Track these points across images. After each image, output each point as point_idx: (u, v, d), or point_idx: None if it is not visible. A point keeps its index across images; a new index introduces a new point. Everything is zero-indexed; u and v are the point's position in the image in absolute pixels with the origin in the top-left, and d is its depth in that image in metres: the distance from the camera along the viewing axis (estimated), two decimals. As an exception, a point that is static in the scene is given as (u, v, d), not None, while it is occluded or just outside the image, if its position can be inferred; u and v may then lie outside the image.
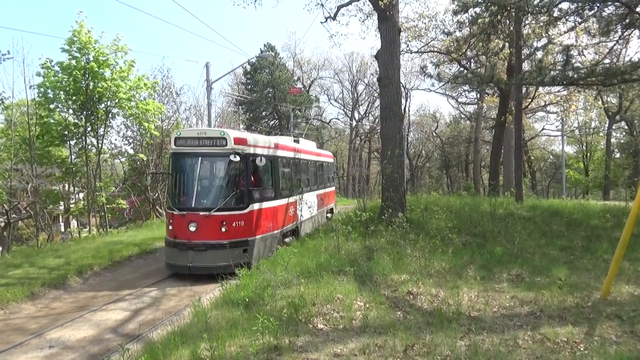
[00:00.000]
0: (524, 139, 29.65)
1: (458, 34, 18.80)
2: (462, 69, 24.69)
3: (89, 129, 18.28)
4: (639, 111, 36.27)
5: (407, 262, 8.77)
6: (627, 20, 12.53)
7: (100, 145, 19.07)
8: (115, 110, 18.69)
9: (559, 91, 25.85)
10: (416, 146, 54.29)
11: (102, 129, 18.87)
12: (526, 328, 5.62)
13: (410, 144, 50.21)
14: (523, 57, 18.35)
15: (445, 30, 20.28)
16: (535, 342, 5.16)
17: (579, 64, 14.51)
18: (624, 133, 43.09)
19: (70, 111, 18.13)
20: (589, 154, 46.43)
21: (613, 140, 41.35)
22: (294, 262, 8.65)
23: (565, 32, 16.58)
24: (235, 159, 9.60)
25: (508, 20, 16.80)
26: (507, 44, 19.52)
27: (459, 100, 44.96)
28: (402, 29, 17.04)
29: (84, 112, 17.70)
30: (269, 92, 44.57)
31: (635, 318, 5.81)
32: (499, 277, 8.00)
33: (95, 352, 6.15)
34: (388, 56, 13.66)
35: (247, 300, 6.69)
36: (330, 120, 55.01)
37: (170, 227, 10.15)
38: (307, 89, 49.56)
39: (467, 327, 5.62)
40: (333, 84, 54.29)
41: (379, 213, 13.06)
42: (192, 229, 9.59)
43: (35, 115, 18.78)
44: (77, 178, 20.64)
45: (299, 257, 9.18)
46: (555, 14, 13.49)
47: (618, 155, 44.01)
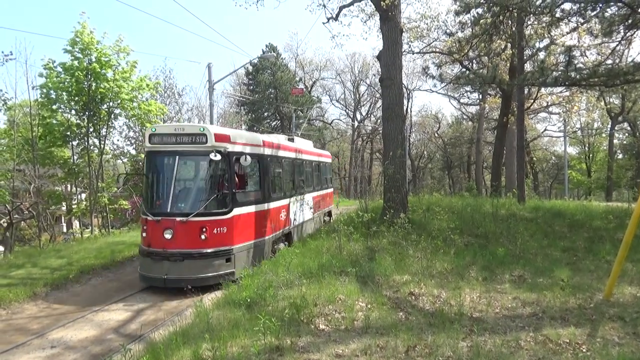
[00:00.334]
0: (526, 139, 29.62)
1: (460, 34, 18.73)
2: (464, 69, 24.64)
3: (92, 130, 18.34)
4: (642, 112, 36.21)
5: (409, 263, 8.76)
6: (630, 21, 12.52)
7: (102, 145, 19.13)
8: (117, 111, 18.76)
9: (561, 92, 25.79)
10: (418, 147, 54.28)
11: (105, 130, 18.93)
12: (528, 329, 5.61)
13: (412, 145, 50.21)
14: (525, 58, 18.34)
15: (448, 30, 20.21)
16: (537, 344, 5.15)
17: (581, 65, 14.46)
18: (626, 134, 43.00)
19: (73, 112, 18.19)
20: (591, 155, 46.31)
21: (615, 141, 41.30)
22: (296, 263, 8.66)
23: (567, 33, 16.53)
24: (215, 157, 8.63)
25: (510, 21, 16.77)
26: (510, 45, 19.47)
27: (461, 101, 44.96)
28: (404, 30, 17.01)
29: (87, 113, 17.76)
30: (271, 93, 44.62)
31: (638, 319, 5.80)
32: (501, 278, 7.98)
33: (97, 352, 6.17)
34: (390, 57, 13.66)
35: (249, 300, 6.69)
36: (332, 121, 55.06)
37: (144, 235, 9.22)
38: (309, 89, 49.61)
39: (469, 328, 5.61)
40: (335, 85, 54.49)
41: (381, 214, 13.03)
42: (168, 236, 8.65)
43: (38, 116, 18.84)
44: (80, 179, 20.69)
45: (301, 258, 9.19)
46: (557, 15, 13.47)
47: (621, 156, 43.93)
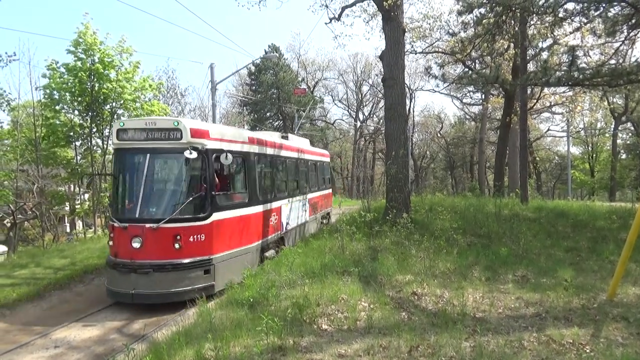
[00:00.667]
0: (529, 139, 29.60)
1: (463, 34, 18.72)
2: (467, 69, 24.59)
3: (95, 130, 18.36)
4: (645, 112, 36.06)
5: (412, 263, 8.75)
6: (633, 21, 12.48)
7: (105, 146, 19.15)
8: (120, 112, 18.75)
9: (564, 92, 25.75)
10: (421, 147, 54.17)
11: (108, 130, 18.94)
12: (532, 329, 5.59)
13: (415, 145, 50.11)
14: (528, 58, 18.30)
15: (450, 30, 20.23)
16: (540, 344, 5.14)
17: (584, 65, 14.40)
18: (630, 134, 42.88)
19: (76, 112, 18.21)
20: (594, 155, 46.17)
21: (619, 141, 41.14)
22: (298, 263, 8.66)
23: (570, 33, 16.51)
24: (191, 155, 7.74)
25: (513, 21, 16.74)
26: (512, 45, 19.43)
27: (464, 101, 44.91)
28: (407, 30, 16.99)
29: (90, 113, 17.79)
30: (273, 93, 44.66)
31: (641, 320, 5.77)
32: (504, 278, 7.96)
33: (100, 352, 6.18)
34: (392, 57, 13.64)
35: (252, 300, 6.70)
36: (334, 121, 55.05)
37: (111, 244, 8.32)
38: (312, 89, 49.59)
39: (472, 328, 5.60)
40: (337, 85, 54.45)
41: (384, 214, 13.02)
42: (136, 245, 7.70)
43: (41, 117, 18.87)
44: (82, 179, 20.71)
45: (304, 258, 9.19)
46: (560, 15, 13.45)
47: (624, 156, 43.80)
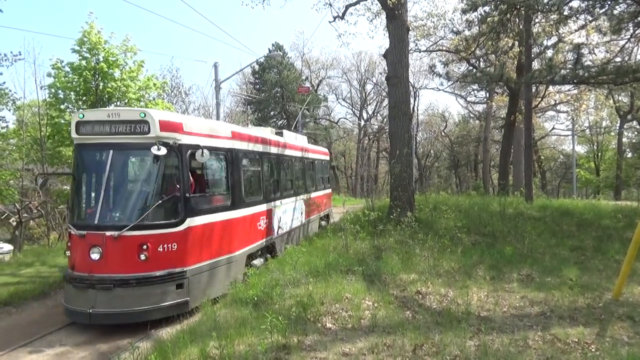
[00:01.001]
0: (533, 138, 29.46)
1: (467, 32, 18.69)
2: (471, 68, 24.56)
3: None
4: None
5: (416, 262, 8.74)
6: (639, 18, 12.40)
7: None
8: (125, 111, 18.84)
9: (569, 90, 25.61)
10: (425, 145, 54.06)
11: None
12: (536, 328, 5.58)
13: (419, 144, 50.01)
14: (533, 56, 18.22)
15: (454, 29, 20.17)
16: (545, 343, 5.13)
17: (589, 63, 14.33)
18: (635, 132, 42.54)
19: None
20: (600, 154, 45.91)
21: (624, 139, 40.86)
22: (303, 262, 8.66)
23: (575, 31, 16.44)
24: (159, 151, 6.80)
25: (518, 19, 16.69)
26: (517, 43, 19.38)
27: (468, 99, 44.68)
28: (411, 28, 16.97)
29: (94, 113, 17.88)
30: (277, 92, 44.65)
31: (647, 319, 5.75)
32: (509, 277, 7.95)
33: (105, 350, 6.21)
34: (397, 55, 13.62)
35: (256, 299, 6.71)
36: (338, 119, 54.93)
37: (69, 254, 7.33)
38: (316, 88, 49.54)
39: (477, 327, 5.59)
40: (341, 83, 54.27)
41: (388, 212, 13.01)
42: (95, 256, 6.71)
43: (46, 116, 18.96)
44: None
45: (308, 257, 9.19)
46: (565, 12, 13.40)
47: (630, 154, 43.47)
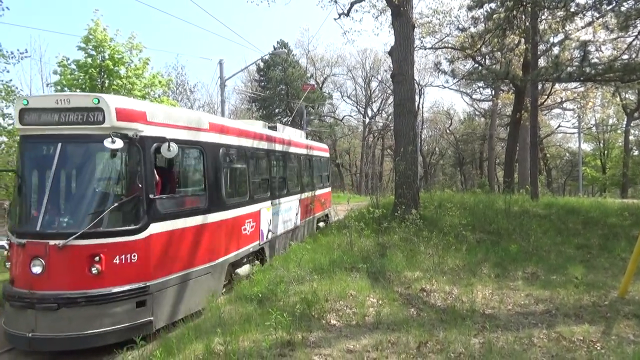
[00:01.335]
0: (539, 136, 29.29)
1: (473, 29, 18.63)
2: (477, 65, 24.47)
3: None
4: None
5: (421, 259, 8.73)
6: (647, 15, 12.28)
7: (115, 142, 19.29)
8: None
9: (575, 87, 25.52)
10: (430, 143, 53.94)
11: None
12: (541, 326, 5.56)
13: (424, 141, 49.89)
14: (539, 53, 18.14)
15: (460, 26, 20.16)
16: (550, 341, 5.11)
17: (596, 60, 14.25)
18: (642, 130, 42.28)
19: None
20: (606, 152, 45.61)
21: (631, 137, 40.55)
22: (307, 259, 8.68)
23: (582, 28, 16.33)
24: (113, 145, 5.59)
25: (524, 16, 16.60)
26: (523, 40, 19.27)
27: (474, 97, 44.61)
28: (416, 25, 16.93)
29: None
30: (282, 89, 44.68)
31: (653, 317, 5.72)
32: (514, 275, 7.93)
33: (109, 347, 6.23)
34: (402, 52, 13.57)
35: (260, 295, 6.73)
36: (343, 117, 54.91)
37: (8, 265, 6.12)
38: (320, 85, 49.52)
39: (481, 325, 5.58)
40: (346, 81, 54.08)
41: (392, 210, 13.00)
42: (37, 269, 5.52)
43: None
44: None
45: (312, 254, 9.20)
46: (572, 9, 13.31)
47: (636, 152, 43.15)
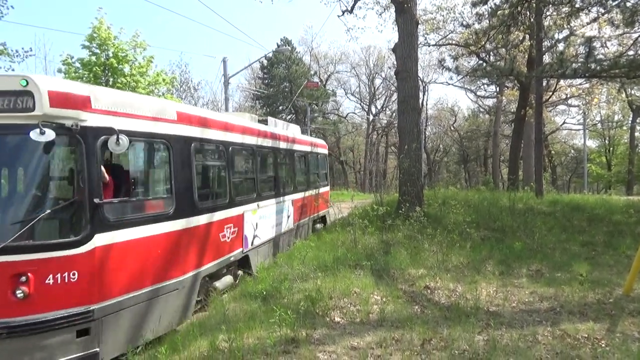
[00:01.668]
0: (544, 132, 29.15)
1: (477, 26, 18.55)
2: (481, 61, 24.38)
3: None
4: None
5: (425, 257, 8.73)
6: (653, 10, 12.20)
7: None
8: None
9: (580, 84, 25.39)
10: (434, 140, 53.84)
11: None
12: (546, 324, 5.56)
13: (428, 138, 49.81)
14: (544, 49, 18.05)
15: (464, 22, 20.01)
16: (555, 338, 5.11)
17: (601, 56, 14.17)
18: (648, 126, 41.98)
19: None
20: (611, 148, 45.39)
21: (637, 134, 40.25)
22: (311, 256, 8.69)
23: (587, 24, 16.27)
24: (42, 136, 4.44)
25: (528, 12, 16.52)
26: (528, 36, 19.19)
27: (478, 93, 44.40)
28: (420, 22, 16.84)
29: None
30: (285, 87, 44.69)
31: (659, 315, 5.70)
32: (518, 273, 7.91)
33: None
34: (406, 49, 13.53)
35: (265, 293, 6.75)
36: (347, 114, 54.86)
37: None
38: (324, 83, 49.50)
39: (486, 322, 5.58)
40: (350, 78, 54.16)
41: (396, 207, 12.99)
42: None
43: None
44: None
45: (316, 251, 9.22)
46: (577, 5, 13.27)
47: (643, 149, 42.93)
